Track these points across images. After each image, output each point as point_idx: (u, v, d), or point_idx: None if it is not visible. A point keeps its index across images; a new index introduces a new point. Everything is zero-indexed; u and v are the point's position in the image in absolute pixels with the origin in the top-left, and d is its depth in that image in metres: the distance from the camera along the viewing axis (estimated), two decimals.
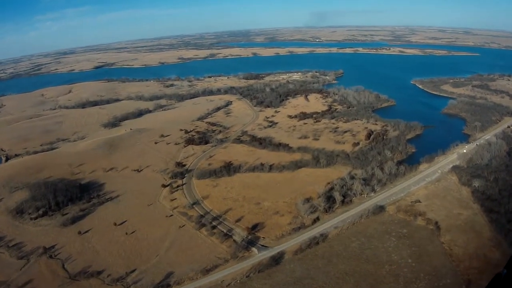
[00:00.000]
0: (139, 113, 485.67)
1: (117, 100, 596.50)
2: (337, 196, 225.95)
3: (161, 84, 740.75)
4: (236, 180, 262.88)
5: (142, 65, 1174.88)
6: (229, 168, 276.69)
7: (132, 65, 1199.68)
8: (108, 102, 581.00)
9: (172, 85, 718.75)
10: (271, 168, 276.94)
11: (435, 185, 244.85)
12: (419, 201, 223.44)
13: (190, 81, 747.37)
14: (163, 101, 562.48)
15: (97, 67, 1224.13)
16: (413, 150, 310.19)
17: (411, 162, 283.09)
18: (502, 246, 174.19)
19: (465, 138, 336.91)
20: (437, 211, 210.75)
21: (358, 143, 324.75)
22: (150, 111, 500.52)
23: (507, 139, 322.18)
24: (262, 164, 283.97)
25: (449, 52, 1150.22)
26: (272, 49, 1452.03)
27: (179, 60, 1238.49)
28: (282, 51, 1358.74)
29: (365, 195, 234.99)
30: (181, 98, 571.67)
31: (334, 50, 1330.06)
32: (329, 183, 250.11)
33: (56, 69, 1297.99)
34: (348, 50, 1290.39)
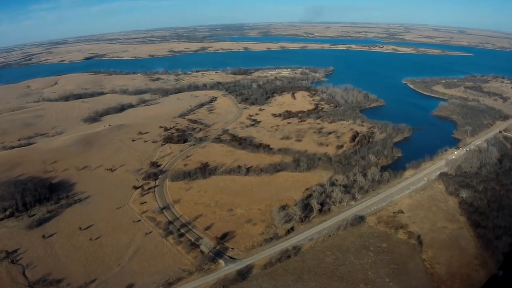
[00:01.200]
0: (121, 108, 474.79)
1: (101, 93, 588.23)
2: (315, 205, 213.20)
3: (148, 77, 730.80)
4: (211, 183, 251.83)
5: (132, 57, 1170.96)
6: (205, 170, 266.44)
7: (122, 57, 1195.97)
8: (92, 95, 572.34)
9: (158, 79, 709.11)
10: (248, 171, 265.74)
11: (420, 194, 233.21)
12: (402, 212, 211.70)
13: (177, 75, 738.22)
14: (147, 96, 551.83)
15: (87, 58, 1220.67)
16: (400, 155, 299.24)
17: (396, 167, 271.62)
18: (487, 265, 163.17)
19: (455, 143, 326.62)
20: (420, 224, 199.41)
21: (342, 146, 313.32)
22: (132, 106, 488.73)
23: (499, 145, 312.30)
24: (239, 167, 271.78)
25: (443, 51, 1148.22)
26: (264, 43, 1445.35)
27: (169, 53, 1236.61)
28: (274, 46, 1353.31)
29: (345, 204, 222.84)
30: (166, 93, 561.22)
31: (326, 46, 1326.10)
32: (307, 189, 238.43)
33: (47, 59, 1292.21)
34: (340, 47, 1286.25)
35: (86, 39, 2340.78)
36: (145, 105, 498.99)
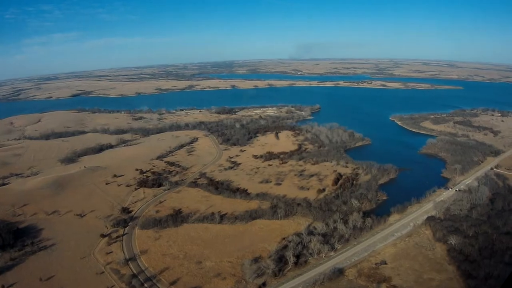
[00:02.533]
0: (100, 149, 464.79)
1: (83, 132, 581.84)
2: (290, 257, 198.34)
3: (130, 116, 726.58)
4: (181, 233, 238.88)
5: (119, 95, 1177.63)
6: (176, 218, 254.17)
7: (109, 95, 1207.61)
8: (73, 134, 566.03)
9: (141, 118, 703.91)
10: (222, 219, 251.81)
11: (405, 241, 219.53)
12: (385, 263, 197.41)
13: (160, 114, 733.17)
14: (127, 136, 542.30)
15: (74, 95, 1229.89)
16: (385, 198, 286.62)
17: (381, 212, 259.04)
18: None
19: (444, 183, 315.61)
20: (405, 276, 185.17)
21: (324, 190, 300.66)
22: (112, 146, 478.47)
23: (490, 183, 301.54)
24: (212, 214, 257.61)
25: (432, 85, 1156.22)
26: (252, 81, 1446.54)
27: (156, 91, 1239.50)
28: (262, 83, 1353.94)
29: (324, 255, 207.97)
30: (147, 132, 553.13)
31: (314, 83, 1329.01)
32: (284, 238, 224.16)
33: (35, 95, 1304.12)
34: (328, 84, 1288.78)
35: (77, 75, 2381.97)
36: (124, 146, 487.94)
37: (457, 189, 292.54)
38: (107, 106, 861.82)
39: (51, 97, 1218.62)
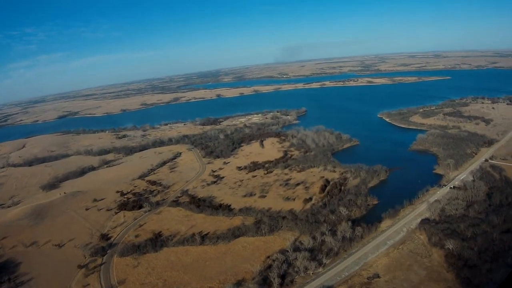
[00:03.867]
0: (82, 172, 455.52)
1: (66, 155, 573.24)
2: (275, 278, 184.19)
3: (114, 135, 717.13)
4: (161, 258, 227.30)
5: (104, 113, 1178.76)
6: (156, 242, 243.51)
7: (94, 114, 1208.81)
8: (56, 158, 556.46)
9: (125, 136, 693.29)
10: (203, 239, 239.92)
11: (398, 249, 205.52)
12: (378, 276, 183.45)
13: (144, 131, 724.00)
14: (110, 156, 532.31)
15: (60, 117, 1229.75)
16: (375, 202, 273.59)
17: (371, 218, 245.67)
18: None
19: (437, 180, 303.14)
20: None
21: (310, 199, 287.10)
22: (94, 169, 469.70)
23: (486, 177, 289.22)
24: (193, 235, 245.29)
25: (419, 78, 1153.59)
26: (237, 89, 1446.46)
27: (141, 106, 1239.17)
28: (247, 90, 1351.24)
29: (311, 272, 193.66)
30: (130, 151, 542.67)
31: (300, 86, 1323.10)
32: (268, 257, 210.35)
33: (21, 120, 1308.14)
34: (314, 85, 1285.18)
35: (64, 96, 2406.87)
36: (107, 167, 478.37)
37: (452, 186, 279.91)
38: (93, 126, 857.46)
39: (37, 120, 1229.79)
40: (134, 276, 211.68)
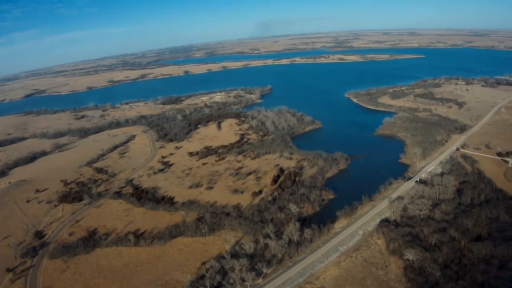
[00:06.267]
0: (32, 157, 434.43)
1: (22, 139, 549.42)
2: None
3: (73, 115, 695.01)
4: (91, 261, 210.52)
5: (70, 92, 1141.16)
6: (88, 242, 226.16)
7: (60, 92, 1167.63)
8: (12, 142, 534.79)
9: (83, 116, 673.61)
10: (138, 239, 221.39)
11: (351, 258, 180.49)
12: None
13: (104, 111, 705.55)
14: (64, 139, 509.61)
15: (27, 96, 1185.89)
16: (331, 197, 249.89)
17: (325, 217, 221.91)
18: None
19: (402, 171, 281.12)
20: None
21: (260, 192, 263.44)
22: (45, 154, 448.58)
23: (457, 169, 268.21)
24: (127, 235, 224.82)
25: (392, 56, 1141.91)
26: (206, 65, 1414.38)
27: (108, 84, 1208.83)
28: (216, 66, 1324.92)
29: (248, 285, 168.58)
30: (85, 133, 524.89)
31: (269, 62, 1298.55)
32: (204, 263, 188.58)
33: None
34: (284, 61, 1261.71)
35: (36, 73, 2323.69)
36: (58, 151, 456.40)
37: (417, 180, 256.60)
38: (56, 105, 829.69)
39: (4, 100, 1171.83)
40: (60, 282, 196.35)
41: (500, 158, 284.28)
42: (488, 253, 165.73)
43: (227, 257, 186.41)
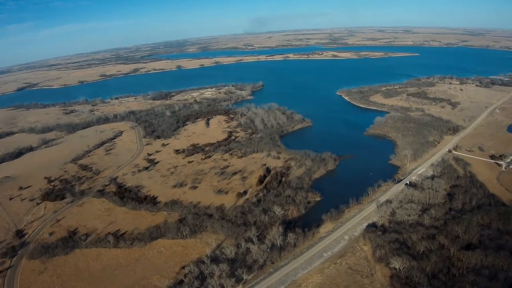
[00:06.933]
0: (19, 153, 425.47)
1: (11, 133, 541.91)
2: None
3: (62, 110, 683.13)
4: (70, 262, 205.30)
5: (62, 85, 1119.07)
6: (68, 242, 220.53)
7: (52, 86, 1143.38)
8: (0, 136, 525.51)
9: (72, 111, 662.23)
10: (118, 240, 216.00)
11: (336, 265, 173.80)
12: None
13: (93, 105, 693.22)
14: (52, 134, 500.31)
15: (19, 89, 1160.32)
16: (318, 199, 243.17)
17: (310, 220, 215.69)
18: None
19: (392, 173, 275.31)
20: None
21: (245, 192, 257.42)
22: (31, 149, 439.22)
23: (448, 172, 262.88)
24: (107, 235, 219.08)
25: (386, 53, 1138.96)
26: (199, 60, 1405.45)
27: (100, 78, 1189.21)
28: (208, 62, 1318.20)
29: None
30: (73, 128, 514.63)
31: (262, 58, 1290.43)
32: (183, 267, 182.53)
33: None
34: (277, 58, 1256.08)
35: (30, 66, 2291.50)
36: (45, 147, 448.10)
37: (407, 183, 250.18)
38: (48, 99, 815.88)
39: None
40: (37, 285, 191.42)
41: (493, 161, 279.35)
42: (478, 263, 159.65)
43: (207, 261, 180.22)
